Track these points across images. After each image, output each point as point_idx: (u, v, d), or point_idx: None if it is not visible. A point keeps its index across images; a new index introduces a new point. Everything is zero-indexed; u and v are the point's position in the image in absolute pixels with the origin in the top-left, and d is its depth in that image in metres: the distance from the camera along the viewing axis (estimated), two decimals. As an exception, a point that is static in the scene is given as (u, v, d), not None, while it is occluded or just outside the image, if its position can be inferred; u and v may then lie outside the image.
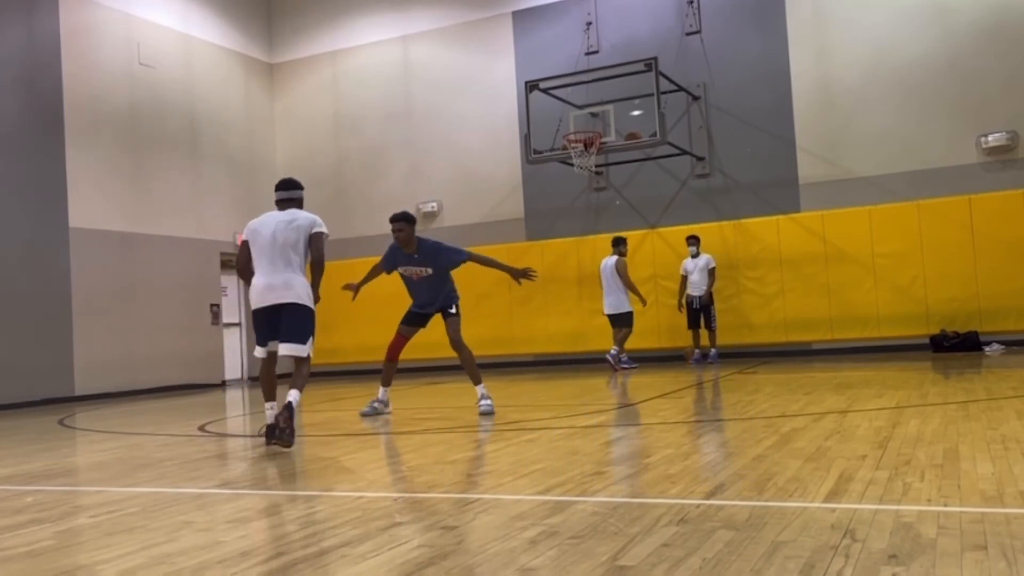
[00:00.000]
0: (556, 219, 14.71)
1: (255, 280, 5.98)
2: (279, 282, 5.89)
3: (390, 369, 7.90)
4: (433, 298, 7.69)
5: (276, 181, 6.67)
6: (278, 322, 5.93)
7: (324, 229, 6.23)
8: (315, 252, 6.12)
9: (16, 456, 6.37)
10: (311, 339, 6.07)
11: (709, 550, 2.63)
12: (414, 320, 7.85)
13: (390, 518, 3.37)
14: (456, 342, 7.55)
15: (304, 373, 5.94)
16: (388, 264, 7.89)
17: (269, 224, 6.14)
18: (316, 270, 6.22)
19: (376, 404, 7.79)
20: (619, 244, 12.41)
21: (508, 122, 15.06)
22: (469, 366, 7.47)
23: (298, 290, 5.95)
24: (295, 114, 17.15)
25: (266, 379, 6.17)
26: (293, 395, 5.68)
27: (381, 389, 7.87)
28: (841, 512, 3.02)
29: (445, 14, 15.90)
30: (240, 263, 6.30)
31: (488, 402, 7.28)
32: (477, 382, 7.41)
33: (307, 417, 8.87)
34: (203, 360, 15.07)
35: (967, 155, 12.39)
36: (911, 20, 12.78)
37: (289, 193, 6.44)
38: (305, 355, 5.98)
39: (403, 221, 7.54)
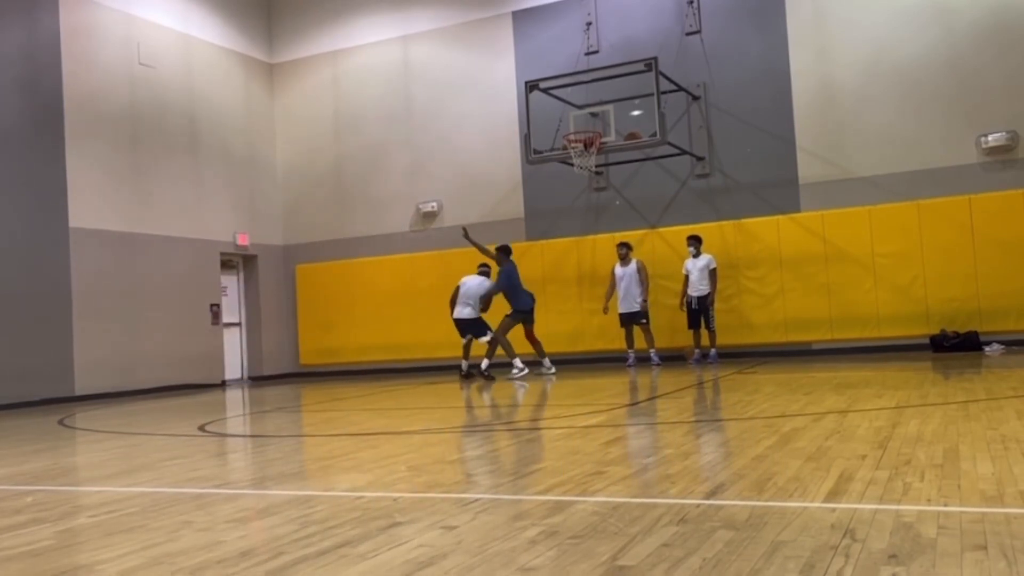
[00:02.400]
0: (556, 219, 14.72)
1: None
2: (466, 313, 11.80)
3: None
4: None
5: (274, 182, 7.19)
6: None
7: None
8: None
9: (16, 456, 6.37)
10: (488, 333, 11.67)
11: (709, 550, 2.63)
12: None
13: (390, 518, 3.37)
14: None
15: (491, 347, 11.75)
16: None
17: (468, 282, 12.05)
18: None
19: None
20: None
21: (508, 122, 15.06)
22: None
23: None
24: (295, 114, 17.15)
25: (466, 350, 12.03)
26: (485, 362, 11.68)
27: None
28: (841, 512, 3.02)
29: (445, 14, 15.90)
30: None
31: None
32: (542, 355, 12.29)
33: (306, 417, 8.88)
34: (203, 360, 15.08)
35: (967, 155, 12.39)
36: (911, 20, 12.78)
37: (483, 268, 12.37)
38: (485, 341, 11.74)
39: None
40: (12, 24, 12.74)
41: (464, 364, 12.01)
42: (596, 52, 14.46)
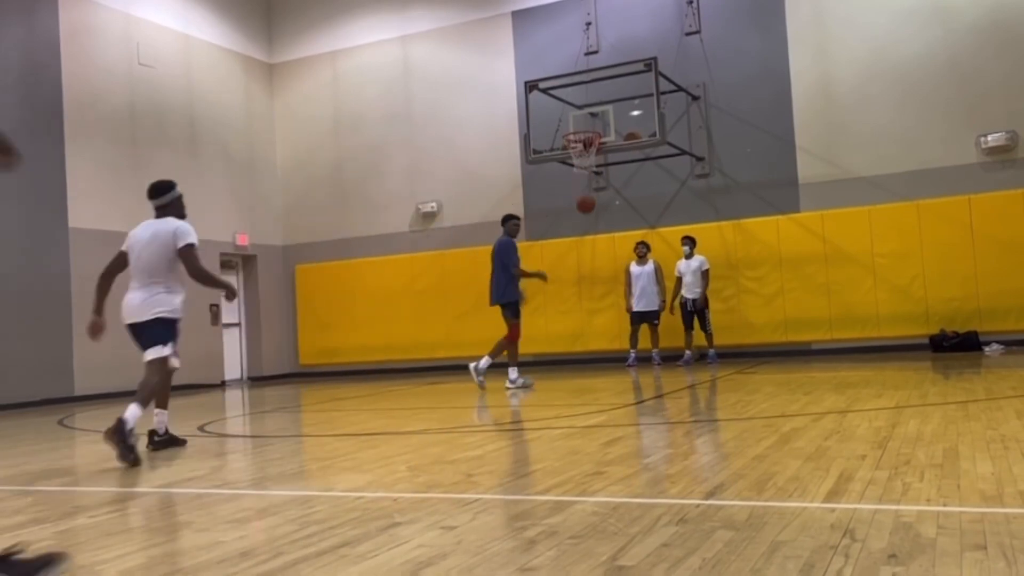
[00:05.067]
0: (556, 219, 14.71)
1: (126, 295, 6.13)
2: (136, 301, 6.10)
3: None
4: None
5: (273, 182, 6.83)
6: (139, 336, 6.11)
7: (191, 240, 5.97)
8: (187, 267, 6.00)
9: (16, 456, 6.37)
10: (159, 346, 6.08)
11: (709, 550, 2.63)
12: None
13: (389, 518, 3.37)
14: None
15: (148, 383, 5.89)
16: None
17: (137, 239, 6.14)
18: (204, 282, 6.14)
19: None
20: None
21: (508, 122, 15.06)
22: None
23: (153, 307, 6.05)
24: (295, 114, 17.15)
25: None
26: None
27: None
28: (841, 512, 3.02)
29: (445, 14, 15.90)
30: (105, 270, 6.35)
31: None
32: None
33: (306, 417, 8.88)
34: (203, 360, 15.06)
35: (967, 155, 12.39)
36: (911, 20, 12.78)
37: (159, 200, 6.25)
38: (150, 360, 6.03)
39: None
40: (12, 24, 12.73)
41: (160, 423, 6.28)
42: (596, 52, 14.46)
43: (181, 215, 6.20)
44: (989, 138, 12.19)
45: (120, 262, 6.27)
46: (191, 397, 12.55)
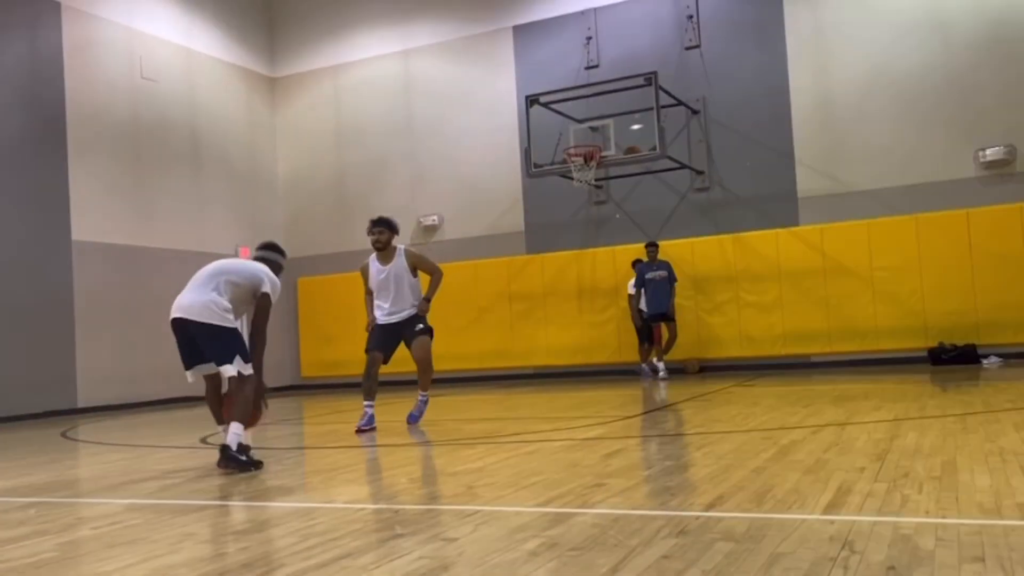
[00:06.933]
0: (556, 233, 14.76)
1: None
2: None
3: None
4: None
5: (275, 195, 7.01)
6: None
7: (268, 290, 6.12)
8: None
9: (19, 468, 6.38)
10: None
11: (708, 562, 2.65)
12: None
13: (391, 530, 3.38)
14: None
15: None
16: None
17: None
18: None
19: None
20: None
21: (508, 136, 15.12)
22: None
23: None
24: (297, 128, 17.22)
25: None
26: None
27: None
28: (840, 524, 3.04)
29: (446, 28, 15.99)
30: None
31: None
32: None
33: (308, 429, 8.89)
34: (204, 373, 15.06)
35: (965, 169, 12.44)
36: (910, 35, 12.85)
37: (264, 253, 6.38)
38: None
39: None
40: (15, 39, 12.81)
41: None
42: (596, 67, 14.53)
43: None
44: (987, 152, 12.24)
45: None
46: (194, 409, 12.55)
